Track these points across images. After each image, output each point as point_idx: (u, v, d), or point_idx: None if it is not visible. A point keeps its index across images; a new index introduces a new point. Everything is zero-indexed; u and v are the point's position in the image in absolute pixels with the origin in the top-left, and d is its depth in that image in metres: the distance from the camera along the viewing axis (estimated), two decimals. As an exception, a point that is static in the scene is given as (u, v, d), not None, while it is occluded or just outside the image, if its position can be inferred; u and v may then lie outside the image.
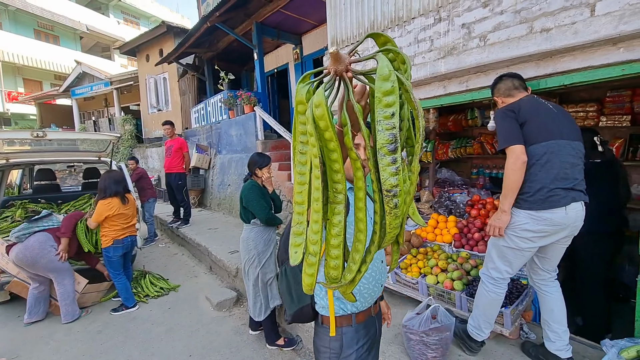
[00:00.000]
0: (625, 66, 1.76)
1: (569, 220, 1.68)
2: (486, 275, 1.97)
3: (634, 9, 1.59)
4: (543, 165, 1.67)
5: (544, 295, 1.92)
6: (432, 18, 2.47)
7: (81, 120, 15.20)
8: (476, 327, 1.97)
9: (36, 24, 19.77)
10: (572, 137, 1.69)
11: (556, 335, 1.85)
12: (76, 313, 3.41)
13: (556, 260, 1.88)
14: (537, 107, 1.73)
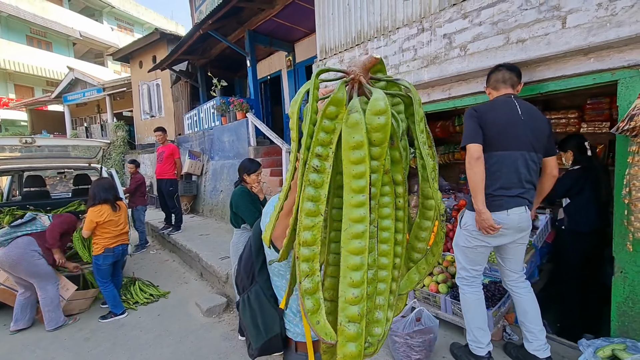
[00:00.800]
0: (595, 75, 1.85)
1: (512, 222, 1.78)
2: (459, 279, 2.04)
3: (601, 21, 1.68)
4: (492, 173, 1.77)
5: (517, 297, 1.98)
6: (416, 28, 2.56)
7: (73, 127, 15.10)
8: (474, 341, 1.95)
9: (29, 30, 19.69)
10: (528, 148, 1.77)
11: (533, 335, 1.89)
12: (60, 320, 3.35)
13: (518, 260, 1.95)
14: (502, 113, 1.78)
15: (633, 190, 1.68)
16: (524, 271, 2.01)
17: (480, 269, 2.00)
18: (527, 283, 2.02)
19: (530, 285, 2.02)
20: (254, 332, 1.07)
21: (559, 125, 3.71)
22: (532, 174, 1.81)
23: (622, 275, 1.81)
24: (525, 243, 1.95)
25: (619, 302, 1.84)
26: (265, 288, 1.08)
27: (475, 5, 2.18)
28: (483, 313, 1.97)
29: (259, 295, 1.08)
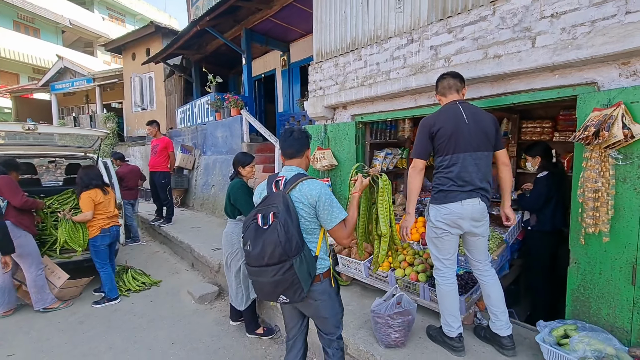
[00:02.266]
0: (559, 90, 2.10)
1: (465, 212, 2.01)
2: (435, 271, 2.24)
3: (564, 44, 1.93)
4: (445, 173, 2.04)
5: (482, 283, 2.21)
6: (406, 39, 2.78)
7: (60, 116, 14.85)
8: (446, 325, 2.17)
9: (16, 15, 19.19)
10: (475, 149, 2.00)
11: (495, 316, 2.13)
12: (47, 301, 3.45)
13: (481, 251, 2.17)
14: (451, 120, 2.01)
15: (586, 191, 1.93)
16: (488, 260, 2.23)
17: (452, 257, 2.18)
18: (492, 271, 2.22)
19: (495, 274, 2.23)
20: (307, 278, 1.59)
21: (535, 133, 4.03)
22: (482, 170, 2.03)
23: (576, 266, 2.07)
24: (485, 236, 2.15)
25: (572, 289, 2.10)
26: (307, 250, 1.62)
27: (459, 21, 2.42)
28: (455, 302, 2.18)
29: (308, 253, 1.61)
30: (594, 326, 1.94)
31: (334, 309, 1.79)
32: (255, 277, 1.65)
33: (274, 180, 1.74)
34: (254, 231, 1.59)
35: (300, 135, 1.82)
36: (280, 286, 1.56)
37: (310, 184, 1.66)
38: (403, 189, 4.37)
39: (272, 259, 1.53)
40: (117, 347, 2.85)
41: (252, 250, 1.58)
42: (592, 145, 1.86)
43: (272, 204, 1.60)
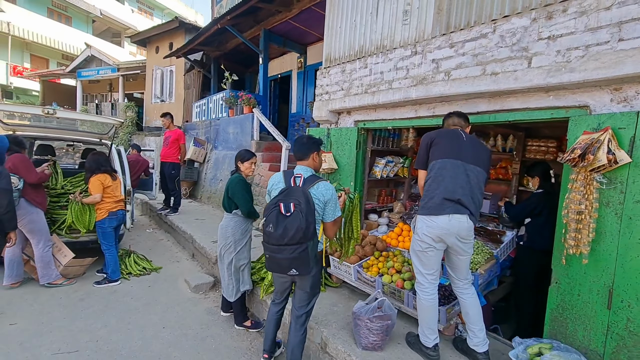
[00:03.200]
0: (553, 111, 2.13)
1: (452, 227, 2.00)
2: (416, 285, 2.25)
3: (558, 66, 1.96)
4: (435, 179, 2.05)
5: (462, 301, 2.22)
6: (410, 50, 2.84)
7: (84, 102, 15.42)
8: (422, 334, 2.22)
9: (50, 2, 20.09)
10: (469, 160, 2.03)
11: (473, 333, 2.15)
12: (52, 276, 3.62)
13: (463, 270, 2.18)
14: (448, 134, 2.12)
15: (570, 212, 1.95)
16: (469, 279, 2.23)
17: (435, 273, 2.18)
18: (472, 290, 2.23)
19: (474, 292, 2.23)
20: (314, 258, 1.96)
21: (539, 152, 4.00)
22: (473, 185, 2.03)
23: (557, 286, 2.08)
24: (468, 255, 2.16)
25: (552, 308, 2.11)
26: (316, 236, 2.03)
27: (461, 37, 2.46)
28: (434, 316, 2.19)
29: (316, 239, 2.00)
30: (569, 347, 1.95)
31: (316, 286, 2.24)
32: (273, 254, 1.96)
33: (292, 176, 2.12)
34: (276, 216, 1.91)
35: (307, 142, 2.20)
36: (295, 262, 1.92)
37: (325, 185, 2.08)
38: (402, 197, 4.41)
39: (293, 240, 1.87)
40: (111, 326, 2.99)
41: (275, 231, 1.89)
42: (578, 168, 1.88)
43: (293, 196, 1.93)
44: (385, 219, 4.03)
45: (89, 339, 2.77)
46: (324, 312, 2.77)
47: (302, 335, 2.22)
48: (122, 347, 2.69)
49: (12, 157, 3.40)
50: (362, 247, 3.26)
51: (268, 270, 2.26)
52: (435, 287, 2.20)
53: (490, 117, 2.45)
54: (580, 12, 1.90)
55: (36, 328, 2.88)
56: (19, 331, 2.81)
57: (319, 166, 2.28)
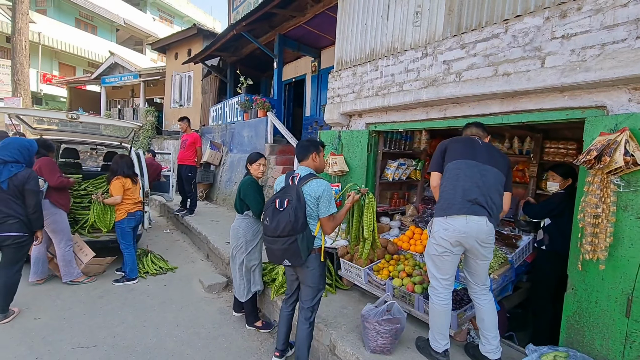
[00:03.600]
0: (568, 111, 2.06)
1: (471, 230, 1.93)
2: (430, 289, 2.21)
3: (573, 65, 1.90)
4: (450, 178, 2.02)
5: (477, 306, 2.17)
6: (420, 52, 2.83)
7: (107, 108, 16.04)
8: (433, 339, 2.18)
9: (78, 13, 21.07)
10: (485, 161, 1.99)
11: (486, 340, 2.10)
12: (73, 274, 3.78)
13: (481, 275, 2.12)
14: (464, 140, 2.12)
15: (586, 216, 1.89)
16: (487, 284, 2.17)
17: (450, 278, 2.13)
18: (489, 296, 2.17)
19: (492, 298, 2.18)
20: (305, 250, 2.11)
21: (558, 154, 3.87)
22: (489, 187, 1.97)
23: (573, 292, 2.01)
24: (488, 260, 2.09)
25: (568, 316, 2.03)
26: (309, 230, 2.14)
27: (472, 38, 2.43)
28: (446, 321, 2.15)
29: (308, 233, 2.12)
30: (586, 356, 1.88)
31: (318, 281, 2.28)
32: (269, 245, 2.18)
33: (290, 175, 2.27)
34: (272, 211, 2.13)
35: (306, 144, 2.35)
36: (286, 253, 2.10)
37: (317, 182, 2.18)
38: (415, 200, 4.36)
39: (283, 232, 2.06)
40: (128, 323, 3.10)
41: (270, 224, 2.11)
42: (595, 170, 1.82)
43: (288, 194, 2.13)
44: (397, 222, 3.99)
45: (107, 335, 2.87)
46: (333, 314, 2.77)
47: (308, 329, 2.29)
48: (137, 344, 2.78)
49: (39, 160, 3.59)
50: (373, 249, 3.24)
51: (269, 261, 2.34)
52: (449, 292, 2.15)
53: (503, 118, 2.40)
54: (595, 10, 1.84)
55: (58, 323, 3.01)
56: (42, 325, 2.95)
57: (319, 166, 2.35)
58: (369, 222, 2.55)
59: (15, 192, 2.84)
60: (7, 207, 2.82)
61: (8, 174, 2.80)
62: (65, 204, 3.78)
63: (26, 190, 2.87)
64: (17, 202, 2.86)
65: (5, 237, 2.83)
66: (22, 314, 3.10)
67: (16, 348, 2.61)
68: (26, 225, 2.93)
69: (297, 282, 2.44)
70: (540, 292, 2.97)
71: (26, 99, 12.02)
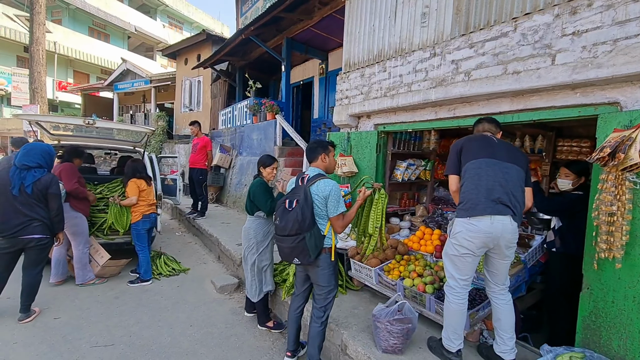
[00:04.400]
0: (580, 109, 2.04)
1: (495, 230, 1.89)
2: (447, 287, 2.17)
3: (585, 62, 1.88)
4: (472, 178, 1.97)
5: (495, 306, 2.14)
6: (429, 52, 2.83)
7: (120, 113, 16.40)
8: (447, 339, 2.15)
9: (91, 22, 21.66)
10: (504, 159, 1.95)
11: (502, 340, 2.08)
12: (86, 277, 3.85)
13: (502, 274, 2.09)
14: (479, 139, 2.07)
15: (601, 214, 1.86)
16: (507, 284, 2.15)
17: (469, 279, 2.10)
18: (507, 296, 2.15)
19: (510, 298, 2.15)
20: (314, 249, 2.15)
21: (572, 152, 3.82)
22: (512, 185, 1.94)
23: (589, 292, 1.98)
24: (510, 259, 2.06)
25: (584, 316, 2.00)
26: (317, 229, 2.19)
27: (480, 37, 2.43)
28: (462, 321, 2.12)
29: (317, 231, 2.18)
30: (603, 357, 1.85)
31: (329, 281, 2.32)
32: (279, 243, 2.26)
33: (300, 177, 2.34)
34: (282, 211, 2.22)
35: (314, 145, 2.42)
36: (295, 251, 2.17)
37: (325, 182, 2.22)
38: (425, 200, 4.34)
39: (291, 231, 2.13)
40: (143, 323, 3.16)
41: (280, 223, 2.21)
42: (609, 167, 1.79)
43: (297, 194, 2.20)
44: (407, 223, 3.99)
45: (123, 334, 2.94)
46: (344, 315, 2.78)
47: (320, 329, 2.34)
48: (153, 343, 2.84)
49: (61, 165, 3.73)
50: (383, 250, 3.25)
51: (281, 259, 2.39)
52: (467, 292, 2.12)
53: (514, 117, 2.39)
54: (606, 6, 1.83)
55: (77, 322, 3.09)
56: (62, 324, 3.04)
57: (329, 166, 2.40)
58: (376, 218, 2.55)
59: (38, 196, 2.94)
60: (32, 211, 2.93)
61: (32, 179, 2.90)
62: (84, 208, 3.89)
63: (49, 194, 2.97)
64: (40, 205, 2.96)
65: (30, 239, 2.94)
66: (43, 314, 3.20)
67: (38, 346, 2.70)
68: (48, 227, 3.04)
69: (307, 282, 2.48)
70: (554, 294, 2.90)
71: (43, 106, 12.39)
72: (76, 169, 3.95)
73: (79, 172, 4.02)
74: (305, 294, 2.54)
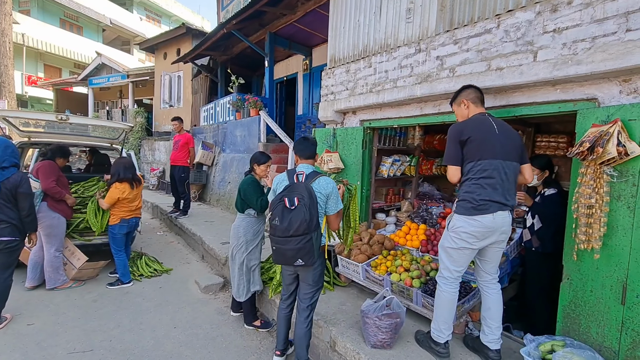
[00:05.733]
0: (560, 104, 2.10)
1: (496, 225, 1.96)
2: (440, 277, 2.21)
3: (565, 59, 1.93)
4: (477, 180, 1.98)
5: (485, 295, 2.20)
6: (414, 48, 2.84)
7: (95, 109, 15.74)
8: (437, 330, 2.18)
9: (62, 13, 20.63)
10: (506, 157, 1.98)
11: (490, 329, 2.13)
12: (58, 281, 3.66)
13: (494, 263, 2.15)
14: (481, 128, 2.00)
15: (580, 206, 1.92)
16: (497, 274, 2.21)
17: (462, 270, 2.14)
18: (497, 285, 2.21)
19: (499, 288, 2.21)
20: (317, 248, 2.12)
21: (549, 147, 3.94)
22: (510, 181, 2.00)
23: (568, 282, 2.04)
24: (504, 247, 2.13)
25: (564, 305, 2.07)
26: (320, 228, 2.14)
27: (465, 33, 2.46)
28: (452, 311, 2.16)
29: (319, 230, 2.12)
30: (583, 344, 1.92)
31: (319, 279, 2.31)
32: (279, 245, 2.11)
33: (294, 174, 2.23)
34: (282, 210, 2.06)
35: (314, 142, 2.40)
36: (301, 252, 2.06)
37: (326, 180, 2.21)
38: (410, 196, 4.39)
39: (297, 232, 2.01)
40: (124, 326, 3.05)
41: (281, 224, 2.05)
42: (588, 161, 1.85)
43: (296, 191, 2.07)
44: (393, 218, 4.02)
45: (103, 339, 2.83)
46: (332, 311, 2.77)
47: (307, 327, 2.31)
48: (134, 347, 2.74)
49: (40, 162, 3.55)
50: (370, 245, 3.26)
51: (275, 263, 2.32)
52: (459, 282, 2.17)
53: (497, 112, 2.42)
54: (585, 4, 1.87)
55: (52, 328, 2.95)
56: (36, 331, 2.89)
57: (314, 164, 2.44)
58: (354, 211, 2.75)
59: (7, 195, 2.77)
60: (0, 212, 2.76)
61: (1, 178, 2.73)
62: (64, 209, 3.69)
63: (19, 193, 2.80)
64: (8, 205, 2.79)
65: None
66: (15, 320, 3.03)
67: (10, 354, 2.55)
68: (18, 229, 2.87)
69: (295, 282, 2.43)
70: (534, 289, 2.97)
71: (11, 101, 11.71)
72: (56, 167, 3.72)
73: (62, 172, 3.82)
74: (294, 294, 2.50)
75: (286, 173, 2.30)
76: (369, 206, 3.85)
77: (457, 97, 2.23)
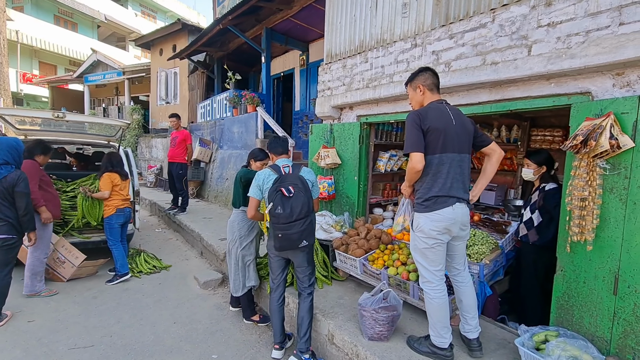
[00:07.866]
0: (555, 98, 2.12)
1: (457, 215, 1.98)
2: (424, 283, 2.16)
3: (559, 53, 1.95)
4: (434, 174, 1.96)
5: (456, 288, 2.21)
6: (410, 43, 2.84)
7: (91, 107, 15.68)
8: (437, 335, 2.11)
9: (57, 10, 20.40)
10: (461, 150, 1.99)
11: (465, 320, 2.16)
12: (35, 288, 3.44)
13: (461, 256, 2.17)
14: (440, 118, 1.95)
15: (573, 199, 1.95)
16: (466, 265, 2.22)
17: (442, 268, 2.11)
18: (468, 278, 2.20)
19: (470, 280, 2.21)
20: (313, 232, 2.38)
21: (545, 141, 3.97)
22: (465, 174, 2.03)
23: (562, 274, 2.08)
24: (466, 239, 2.16)
25: (558, 296, 2.11)
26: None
27: (460, 28, 2.46)
28: (447, 313, 2.11)
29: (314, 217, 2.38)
30: (576, 334, 1.95)
31: (311, 259, 2.54)
32: (284, 231, 2.25)
33: (279, 167, 2.41)
34: (281, 199, 2.24)
35: (285, 139, 2.67)
36: (305, 233, 2.27)
37: (308, 170, 2.49)
38: (407, 191, 4.41)
39: (300, 215, 2.23)
40: (124, 322, 3.08)
41: (283, 212, 2.22)
42: (581, 154, 1.87)
43: (288, 181, 2.30)
44: (390, 213, 4.04)
45: (103, 334, 2.85)
46: (330, 305, 2.81)
47: (310, 303, 2.48)
48: (135, 342, 2.77)
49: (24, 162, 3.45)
50: (368, 240, 3.28)
51: (279, 250, 2.37)
52: (444, 283, 2.13)
53: (492, 107, 2.44)
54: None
55: (53, 325, 2.97)
56: (36, 328, 2.91)
57: None
58: None
59: (4, 194, 2.77)
60: None
61: None
62: (52, 209, 3.59)
63: (16, 192, 2.80)
64: (5, 204, 2.79)
65: None
66: (15, 317, 3.05)
67: (11, 351, 2.57)
68: (15, 227, 2.87)
69: (285, 269, 2.61)
70: (528, 281, 2.98)
71: (6, 99, 11.61)
72: (36, 167, 3.42)
73: (44, 170, 3.62)
74: (284, 282, 2.63)
75: (270, 168, 2.47)
76: (366, 201, 3.87)
77: (413, 80, 2.13)
